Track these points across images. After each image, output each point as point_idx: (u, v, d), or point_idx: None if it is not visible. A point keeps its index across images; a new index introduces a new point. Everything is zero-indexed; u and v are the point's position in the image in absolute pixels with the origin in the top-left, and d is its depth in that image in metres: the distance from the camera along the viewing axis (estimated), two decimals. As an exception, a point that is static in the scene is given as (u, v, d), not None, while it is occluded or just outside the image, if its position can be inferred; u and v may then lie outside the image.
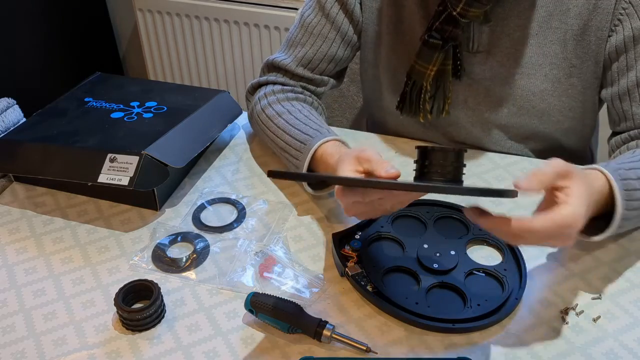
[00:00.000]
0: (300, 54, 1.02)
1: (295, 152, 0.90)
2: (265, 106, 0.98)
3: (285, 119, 0.94)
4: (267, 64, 1.06)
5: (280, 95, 1.00)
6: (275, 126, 0.95)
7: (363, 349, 0.69)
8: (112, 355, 0.70)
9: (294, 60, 1.02)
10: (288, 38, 1.05)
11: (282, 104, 0.98)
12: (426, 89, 0.96)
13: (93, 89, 1.08)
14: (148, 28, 2.09)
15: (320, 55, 1.02)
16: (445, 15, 0.90)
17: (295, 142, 0.91)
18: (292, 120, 0.94)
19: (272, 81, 1.03)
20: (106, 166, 0.86)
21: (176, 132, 0.93)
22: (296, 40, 1.03)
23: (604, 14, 0.89)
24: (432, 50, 0.92)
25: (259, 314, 0.71)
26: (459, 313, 0.73)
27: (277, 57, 1.04)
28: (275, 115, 0.96)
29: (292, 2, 1.84)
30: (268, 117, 0.97)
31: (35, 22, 1.98)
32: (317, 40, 1.01)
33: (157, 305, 0.72)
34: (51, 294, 0.77)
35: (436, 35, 0.91)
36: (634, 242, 0.84)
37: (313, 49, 1.02)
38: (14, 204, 0.92)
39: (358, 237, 0.82)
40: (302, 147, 0.89)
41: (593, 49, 0.92)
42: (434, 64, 0.93)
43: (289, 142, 0.92)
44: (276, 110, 0.97)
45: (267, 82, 1.03)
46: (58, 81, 2.06)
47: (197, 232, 0.86)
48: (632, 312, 0.74)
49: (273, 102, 0.98)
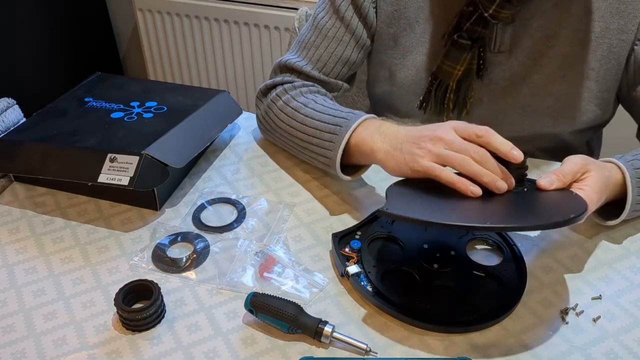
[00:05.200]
0: (315, 57, 1.01)
1: (330, 135, 0.88)
2: (288, 100, 0.96)
3: (312, 108, 0.92)
4: (280, 66, 1.04)
5: (303, 89, 0.98)
6: (303, 116, 0.92)
7: (363, 349, 0.69)
8: (112, 356, 0.70)
9: (309, 62, 1.02)
10: (300, 40, 1.04)
11: (305, 96, 0.96)
12: (452, 88, 0.97)
13: (93, 88, 1.08)
14: (148, 28, 2.09)
15: (335, 58, 1.01)
16: (477, 16, 0.90)
17: (328, 126, 0.88)
18: (320, 108, 0.92)
19: (287, 82, 1.01)
20: (106, 166, 0.86)
21: (176, 132, 0.93)
22: (309, 42, 1.02)
23: (629, 18, 0.90)
24: (461, 50, 0.93)
25: (259, 314, 0.71)
26: (459, 313, 0.73)
27: (290, 58, 1.03)
28: (301, 106, 0.94)
29: (292, 2, 1.84)
30: (294, 109, 0.94)
31: (36, 22, 1.98)
32: (331, 43, 1.01)
33: (157, 305, 0.72)
34: (51, 294, 0.77)
35: (465, 35, 0.92)
36: (634, 242, 0.84)
37: (327, 51, 1.01)
38: (14, 204, 0.92)
39: (358, 237, 0.82)
40: (337, 129, 0.87)
41: (615, 52, 0.92)
42: (462, 64, 0.94)
43: (320, 128, 0.89)
44: (301, 101, 0.95)
45: (282, 83, 1.01)
46: (58, 81, 2.06)
47: (197, 232, 0.86)
48: (632, 312, 0.74)
49: (297, 95, 0.96)
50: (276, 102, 0.98)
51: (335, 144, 0.87)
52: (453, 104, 0.99)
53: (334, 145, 0.87)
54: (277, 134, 0.98)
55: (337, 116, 0.89)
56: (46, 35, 2.03)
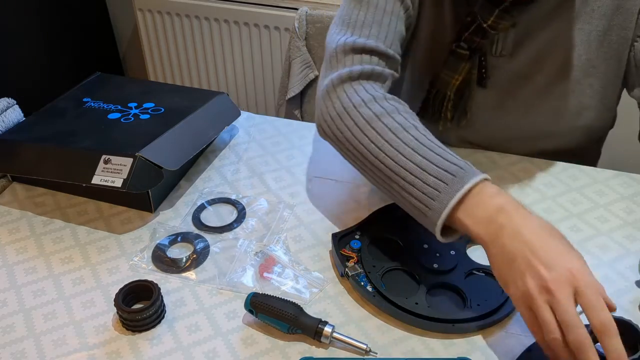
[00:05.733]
0: (381, 34, 0.85)
1: (435, 181, 0.69)
2: (382, 114, 0.76)
3: (415, 136, 0.74)
4: (345, 49, 0.84)
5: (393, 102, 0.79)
6: (400, 141, 0.73)
7: (363, 349, 0.69)
8: (112, 356, 0.70)
9: (377, 39, 0.85)
10: (353, 19, 0.87)
11: (403, 115, 0.77)
12: (449, 98, 0.95)
13: (92, 89, 1.08)
14: (148, 28, 2.09)
15: (398, 35, 0.88)
16: (475, 26, 0.89)
17: (436, 169, 0.70)
18: (424, 140, 0.74)
19: (367, 71, 0.82)
20: (100, 167, 0.86)
21: (172, 134, 0.92)
22: (367, 19, 0.86)
23: (628, 14, 0.89)
24: (459, 60, 0.92)
25: (259, 314, 0.71)
26: (459, 313, 0.73)
27: (357, 39, 0.85)
28: (398, 128, 0.75)
29: (292, 2, 1.84)
30: (387, 128, 0.75)
31: (36, 23, 1.98)
32: (392, 17, 0.87)
33: (157, 305, 0.72)
34: (51, 294, 0.77)
35: (464, 45, 0.91)
36: (634, 242, 0.84)
37: (391, 27, 0.86)
38: (13, 204, 0.92)
39: (358, 237, 0.82)
40: (447, 177, 0.69)
41: (615, 48, 0.92)
42: (460, 74, 0.93)
43: (425, 167, 0.71)
44: (399, 121, 0.76)
45: (361, 74, 0.82)
46: (58, 81, 2.06)
47: (197, 233, 0.86)
48: (632, 312, 0.74)
49: (392, 111, 0.77)
50: (360, 109, 0.78)
51: (441, 194, 0.69)
52: (452, 114, 0.97)
53: (439, 196, 0.69)
54: (352, 148, 0.78)
55: (450, 160, 0.71)
56: (46, 35, 2.03)
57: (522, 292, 0.62)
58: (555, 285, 0.59)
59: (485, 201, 0.67)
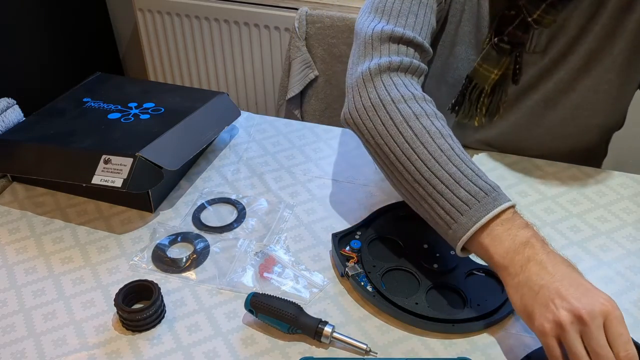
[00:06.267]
0: (417, 25, 0.83)
1: (467, 195, 0.68)
2: (420, 115, 0.74)
3: (449, 144, 0.73)
4: (382, 36, 0.81)
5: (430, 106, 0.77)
6: (436, 146, 0.72)
7: (363, 349, 0.69)
8: (112, 356, 0.70)
9: (414, 30, 0.82)
10: (388, 7, 0.84)
11: (440, 121, 0.75)
12: (486, 93, 0.94)
13: (92, 89, 1.08)
14: (148, 28, 2.09)
15: (431, 27, 0.86)
16: (520, 20, 0.88)
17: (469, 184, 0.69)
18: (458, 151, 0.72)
19: (406, 64, 0.79)
20: (100, 167, 0.86)
21: (172, 134, 0.93)
22: (403, 8, 0.83)
23: None
24: (500, 54, 0.91)
25: (259, 314, 0.71)
26: (459, 313, 0.73)
27: (394, 28, 0.81)
28: (437, 133, 0.73)
29: (292, 2, 1.84)
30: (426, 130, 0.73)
31: (35, 22, 1.98)
32: (427, 10, 0.85)
33: (157, 305, 0.72)
34: (51, 294, 0.77)
35: (506, 39, 0.89)
36: (634, 242, 0.84)
37: (425, 18, 0.84)
38: (13, 204, 0.92)
39: (358, 237, 0.82)
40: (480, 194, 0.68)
41: (635, 42, 0.90)
42: (500, 68, 0.92)
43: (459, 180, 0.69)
44: (437, 126, 0.74)
45: (400, 65, 0.79)
46: (58, 81, 2.06)
47: (197, 232, 0.86)
48: (632, 312, 0.74)
49: (431, 115, 0.75)
50: (397, 104, 0.75)
51: (471, 210, 0.68)
52: (486, 109, 0.96)
53: (469, 212, 0.68)
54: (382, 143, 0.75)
55: (482, 178, 0.70)
56: (46, 35, 2.03)
57: (554, 322, 0.60)
58: (589, 316, 0.59)
59: (513, 231, 0.67)
